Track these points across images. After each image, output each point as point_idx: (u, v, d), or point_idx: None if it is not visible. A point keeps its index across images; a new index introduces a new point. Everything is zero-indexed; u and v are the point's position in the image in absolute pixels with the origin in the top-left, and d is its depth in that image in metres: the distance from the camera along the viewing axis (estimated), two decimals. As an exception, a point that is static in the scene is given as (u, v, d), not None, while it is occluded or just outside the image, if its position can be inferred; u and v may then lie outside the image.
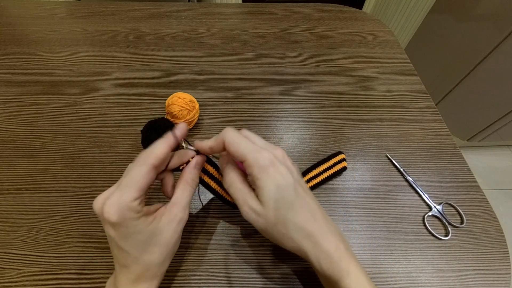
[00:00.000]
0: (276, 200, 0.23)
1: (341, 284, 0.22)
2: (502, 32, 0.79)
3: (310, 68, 0.49)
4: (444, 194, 0.35)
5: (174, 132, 0.25)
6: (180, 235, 0.25)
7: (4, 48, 0.51)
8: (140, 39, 0.53)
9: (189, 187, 0.25)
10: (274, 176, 0.23)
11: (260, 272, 0.29)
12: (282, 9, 0.61)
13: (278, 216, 0.23)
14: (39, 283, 0.28)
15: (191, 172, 0.26)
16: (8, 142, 0.38)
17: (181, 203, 0.24)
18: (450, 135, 0.41)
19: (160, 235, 0.23)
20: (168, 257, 0.24)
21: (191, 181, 0.25)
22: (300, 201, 0.23)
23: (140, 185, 0.22)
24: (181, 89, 0.45)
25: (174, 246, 0.24)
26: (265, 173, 0.23)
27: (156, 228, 0.23)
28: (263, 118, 0.42)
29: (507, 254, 0.31)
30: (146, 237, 0.22)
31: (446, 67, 1.00)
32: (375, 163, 0.38)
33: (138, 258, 0.22)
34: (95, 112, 0.42)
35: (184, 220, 0.24)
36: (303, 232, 0.23)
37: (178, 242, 0.25)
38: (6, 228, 0.31)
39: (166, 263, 0.24)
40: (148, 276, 0.23)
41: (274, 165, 0.23)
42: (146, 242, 0.22)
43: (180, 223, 0.24)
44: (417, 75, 0.49)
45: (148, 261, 0.23)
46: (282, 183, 0.23)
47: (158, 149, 0.23)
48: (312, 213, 0.24)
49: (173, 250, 0.24)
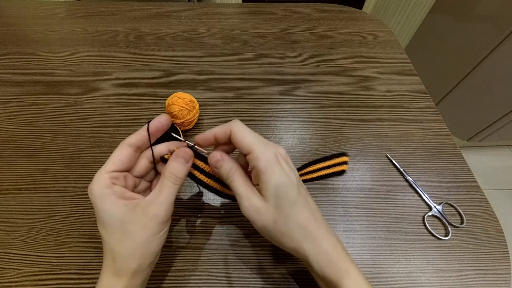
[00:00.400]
0: (279, 197, 0.22)
1: (340, 285, 0.22)
2: (502, 32, 0.79)
3: (310, 68, 0.49)
4: (444, 194, 0.35)
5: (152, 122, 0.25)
6: (156, 232, 0.22)
7: (4, 48, 0.51)
8: (140, 39, 0.53)
9: (167, 181, 0.23)
10: (279, 172, 0.23)
11: (260, 272, 0.29)
12: (282, 9, 0.61)
13: (279, 213, 0.22)
14: (39, 283, 0.28)
15: (171, 165, 0.24)
16: (8, 142, 0.38)
17: (157, 199, 0.23)
18: (450, 135, 0.41)
19: (131, 225, 0.22)
20: (142, 255, 0.22)
21: (168, 175, 0.23)
22: (302, 200, 0.23)
23: (115, 159, 0.23)
24: (181, 89, 0.45)
25: (148, 244, 0.22)
26: (271, 168, 0.22)
27: (126, 216, 0.22)
28: (263, 118, 0.42)
29: (507, 254, 0.31)
30: (118, 224, 0.22)
31: (446, 67, 1.00)
32: (375, 163, 0.38)
33: (112, 247, 0.22)
34: (95, 112, 0.42)
35: (160, 217, 0.22)
36: (304, 231, 0.23)
37: (155, 242, 0.23)
38: (6, 228, 0.31)
39: (140, 261, 0.22)
40: (121, 270, 0.22)
41: (279, 161, 0.23)
42: (118, 229, 0.22)
43: (153, 220, 0.22)
44: (417, 75, 0.49)
45: (117, 252, 0.22)
46: (287, 181, 0.23)
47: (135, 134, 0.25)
48: (313, 213, 0.24)
49: (149, 249, 0.23)
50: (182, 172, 0.24)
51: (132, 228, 0.22)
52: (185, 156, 0.24)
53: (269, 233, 0.23)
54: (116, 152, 0.24)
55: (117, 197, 0.22)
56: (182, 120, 0.37)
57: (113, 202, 0.22)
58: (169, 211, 0.23)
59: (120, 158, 0.23)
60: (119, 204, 0.22)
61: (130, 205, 0.22)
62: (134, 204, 0.22)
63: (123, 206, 0.22)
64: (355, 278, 0.22)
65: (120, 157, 0.23)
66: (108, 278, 0.22)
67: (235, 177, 0.24)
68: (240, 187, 0.24)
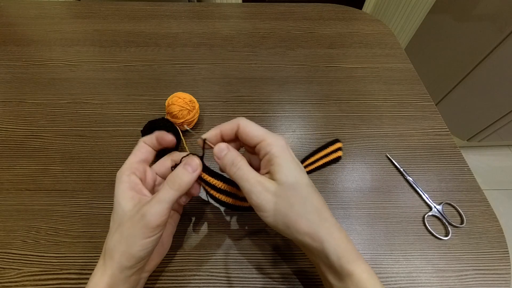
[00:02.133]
0: (296, 180, 0.22)
1: (355, 274, 0.21)
2: (502, 32, 0.79)
3: (310, 68, 0.49)
4: (444, 194, 0.35)
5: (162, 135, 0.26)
6: (140, 235, 0.21)
7: (4, 48, 0.51)
8: (140, 39, 0.53)
9: (166, 185, 0.23)
10: (293, 157, 0.23)
11: (260, 272, 0.29)
12: (282, 9, 0.61)
13: (296, 195, 0.22)
14: (39, 283, 0.28)
15: (175, 171, 0.24)
16: (8, 142, 0.38)
17: (151, 201, 0.22)
18: (450, 135, 0.41)
19: (125, 218, 0.22)
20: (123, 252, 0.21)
21: (169, 179, 0.23)
22: (314, 187, 0.24)
23: (136, 152, 0.26)
24: (181, 89, 0.45)
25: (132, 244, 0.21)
26: (284, 153, 0.23)
27: (126, 207, 0.22)
28: (263, 118, 0.42)
29: (507, 254, 0.31)
30: (120, 213, 0.22)
31: (446, 67, 1.00)
32: (375, 163, 0.38)
33: (108, 234, 0.23)
34: (95, 112, 0.42)
35: (146, 220, 0.21)
36: (321, 215, 0.22)
37: (138, 247, 0.21)
38: (6, 228, 0.31)
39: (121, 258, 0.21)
40: (106, 262, 0.22)
41: (289, 149, 0.24)
42: (118, 218, 0.22)
43: (141, 221, 0.21)
44: (417, 75, 0.49)
45: (108, 241, 0.22)
46: (300, 166, 0.23)
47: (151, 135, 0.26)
48: (324, 201, 0.24)
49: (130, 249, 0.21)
50: (184, 180, 0.23)
51: (125, 221, 0.22)
52: (191, 164, 0.24)
53: (283, 216, 0.22)
54: (136, 146, 0.26)
55: (129, 187, 0.23)
56: (182, 120, 0.37)
57: (123, 191, 0.23)
58: (158, 218, 0.21)
59: (139, 150, 0.26)
60: (127, 195, 0.23)
61: (135, 199, 0.23)
62: (138, 199, 0.23)
63: (129, 198, 0.23)
64: (367, 270, 0.22)
65: (139, 149, 0.26)
66: (98, 267, 0.22)
67: (241, 164, 0.23)
68: (250, 173, 0.23)
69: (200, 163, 0.25)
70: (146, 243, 0.22)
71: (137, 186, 0.24)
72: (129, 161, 0.25)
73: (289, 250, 0.31)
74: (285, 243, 0.31)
